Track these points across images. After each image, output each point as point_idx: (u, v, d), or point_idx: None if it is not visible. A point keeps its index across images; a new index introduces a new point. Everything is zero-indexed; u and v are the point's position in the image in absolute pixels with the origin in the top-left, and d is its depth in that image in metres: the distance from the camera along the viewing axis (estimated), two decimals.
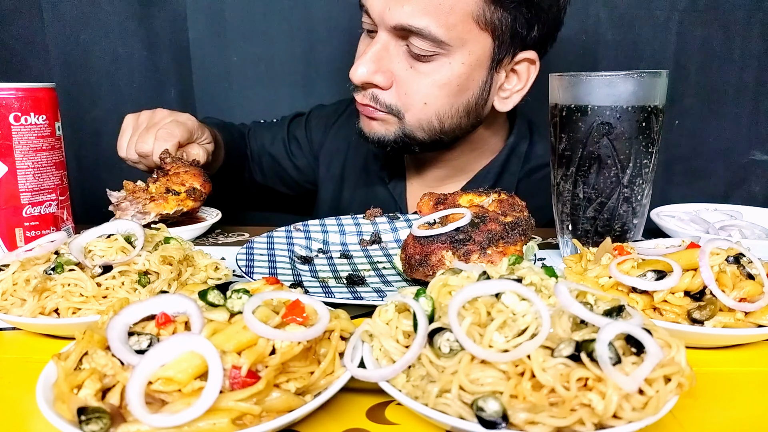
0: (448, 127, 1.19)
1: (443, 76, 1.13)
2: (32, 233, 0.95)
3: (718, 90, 1.77)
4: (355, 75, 1.14)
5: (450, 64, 1.12)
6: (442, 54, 1.10)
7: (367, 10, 1.14)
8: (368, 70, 1.13)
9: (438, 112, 1.16)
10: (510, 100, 1.23)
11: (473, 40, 1.11)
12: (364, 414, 0.55)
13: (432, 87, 1.14)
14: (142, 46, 1.79)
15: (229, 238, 1.19)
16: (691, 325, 0.65)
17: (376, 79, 1.14)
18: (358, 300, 0.78)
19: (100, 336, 0.53)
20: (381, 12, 1.10)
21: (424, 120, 1.17)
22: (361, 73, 1.13)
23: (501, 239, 0.81)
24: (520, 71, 1.20)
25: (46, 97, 0.95)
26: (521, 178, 1.34)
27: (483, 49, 1.13)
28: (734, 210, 1.16)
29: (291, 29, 1.80)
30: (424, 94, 1.14)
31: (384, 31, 1.12)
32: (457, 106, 1.17)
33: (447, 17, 1.07)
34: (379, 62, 1.13)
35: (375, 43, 1.13)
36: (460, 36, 1.09)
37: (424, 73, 1.13)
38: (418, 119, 1.17)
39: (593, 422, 0.45)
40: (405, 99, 1.15)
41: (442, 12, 1.06)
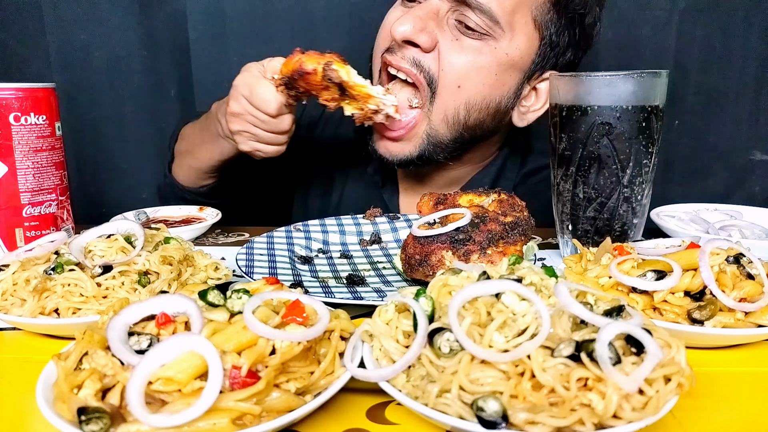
0: (473, 121, 1.15)
1: (485, 59, 1.09)
2: (32, 233, 0.95)
3: (718, 90, 1.77)
4: (398, 29, 1.06)
5: (495, 49, 1.09)
6: (492, 36, 1.07)
7: None
8: (413, 26, 1.06)
9: (468, 100, 1.12)
10: (527, 117, 1.21)
11: (524, 35, 1.09)
12: (364, 414, 0.55)
13: (471, 66, 1.09)
14: (142, 46, 1.80)
15: (229, 238, 1.19)
16: (691, 325, 0.65)
17: (420, 39, 1.07)
18: (358, 300, 0.78)
19: (100, 336, 0.53)
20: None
21: (452, 108, 1.12)
22: (405, 29, 1.05)
23: (501, 239, 0.81)
24: (541, 90, 1.19)
25: (46, 97, 0.95)
26: (517, 183, 1.33)
27: (528, 49, 1.11)
28: (734, 210, 1.16)
29: (291, 29, 1.80)
30: (460, 74, 1.09)
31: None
32: (488, 101, 1.14)
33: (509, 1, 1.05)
34: (425, 22, 1.07)
35: (424, 6, 1.07)
36: (513, 24, 1.07)
37: (468, 50, 1.08)
38: (445, 106, 1.12)
39: (593, 422, 0.45)
40: (443, 72, 1.09)
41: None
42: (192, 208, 1.29)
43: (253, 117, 1.06)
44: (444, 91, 1.11)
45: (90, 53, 1.79)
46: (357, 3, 1.76)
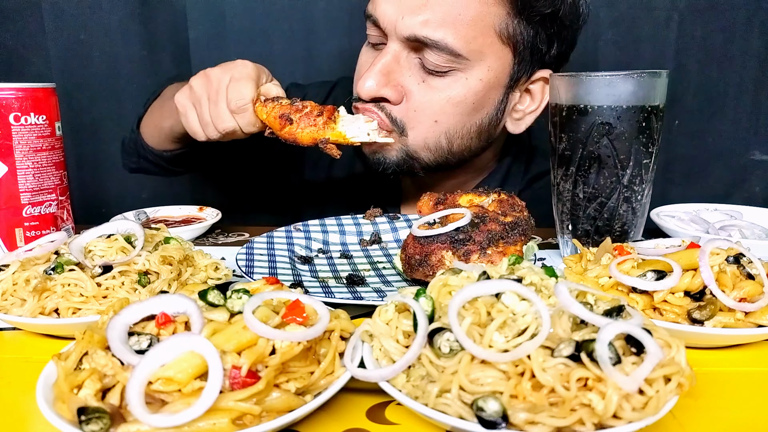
0: (456, 147, 1.12)
1: (458, 93, 1.05)
2: (32, 233, 0.95)
3: (718, 90, 1.77)
4: (363, 88, 1.04)
5: (466, 80, 1.05)
6: (458, 69, 1.03)
7: (375, 20, 1.05)
8: (377, 83, 1.04)
9: (448, 131, 1.10)
10: (523, 121, 1.17)
11: (494, 55, 1.04)
12: (364, 414, 0.55)
13: (445, 104, 1.06)
14: (142, 46, 1.80)
15: (229, 238, 1.19)
16: (691, 325, 0.65)
17: (385, 93, 1.05)
18: (358, 300, 0.78)
19: (100, 336, 0.53)
20: (393, 21, 1.02)
21: (432, 138, 1.10)
22: (369, 87, 1.04)
23: (501, 239, 0.81)
24: (534, 91, 1.15)
25: (46, 97, 0.95)
26: (523, 189, 1.31)
27: (503, 66, 1.07)
28: (734, 210, 1.16)
29: (291, 30, 1.80)
30: (435, 111, 1.06)
31: (395, 41, 1.04)
32: (469, 126, 1.11)
33: (467, 29, 0.99)
34: (389, 75, 1.05)
35: (384, 54, 1.05)
36: (480, 50, 1.02)
37: (438, 89, 1.05)
38: (424, 137, 1.09)
39: (593, 422, 0.45)
40: (414, 115, 1.07)
41: (462, 23, 0.99)
42: (192, 208, 1.29)
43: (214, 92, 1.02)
44: (416, 129, 1.09)
45: (90, 53, 1.79)
46: (357, 3, 1.76)
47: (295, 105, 1.01)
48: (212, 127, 1.04)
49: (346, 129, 0.99)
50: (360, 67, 1.16)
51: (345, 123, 1.00)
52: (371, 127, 1.00)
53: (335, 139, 1.00)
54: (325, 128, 0.99)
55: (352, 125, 1.00)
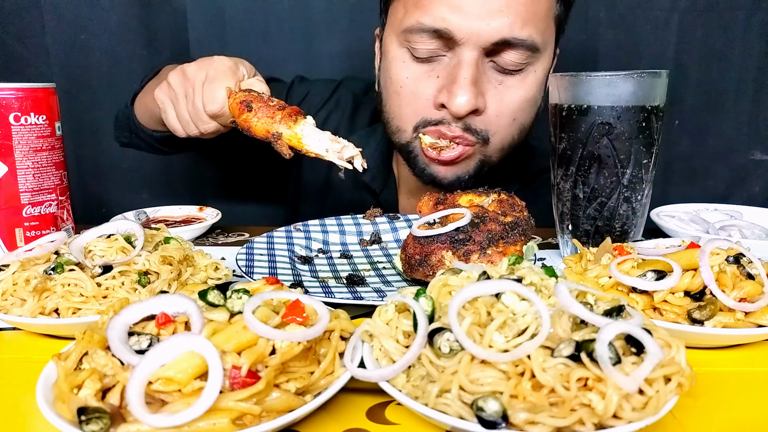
0: (521, 141, 1.15)
1: (530, 86, 1.08)
2: (32, 233, 0.95)
3: (718, 90, 1.77)
4: (461, 105, 1.01)
5: (535, 73, 1.08)
6: (530, 63, 1.06)
7: (446, 32, 1.01)
8: (473, 96, 1.01)
9: (522, 126, 1.11)
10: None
11: (552, 42, 1.09)
12: (364, 414, 0.55)
13: (521, 101, 1.08)
14: (142, 46, 1.80)
15: (229, 238, 1.19)
16: (691, 325, 0.65)
17: (479, 104, 1.04)
18: (358, 300, 0.78)
19: (100, 336, 0.53)
20: (476, 29, 1.00)
21: (508, 138, 1.11)
22: (467, 101, 1.01)
23: (501, 239, 0.81)
24: None
25: (46, 97, 0.95)
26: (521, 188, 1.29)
27: (552, 52, 1.12)
28: (734, 210, 1.16)
29: (291, 29, 1.80)
30: (513, 110, 1.08)
31: (473, 49, 1.01)
32: (533, 117, 1.14)
33: (543, 23, 1.04)
34: (477, 85, 1.03)
35: (465, 66, 1.02)
36: (548, 40, 1.06)
37: (513, 87, 1.07)
38: (502, 139, 1.10)
39: (593, 422, 0.45)
40: (495, 120, 1.07)
41: (540, 18, 1.03)
42: (192, 208, 1.29)
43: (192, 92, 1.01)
44: (500, 130, 1.09)
45: (90, 53, 1.79)
46: (357, 3, 1.76)
47: (262, 97, 0.97)
48: (192, 126, 1.03)
49: (304, 134, 0.93)
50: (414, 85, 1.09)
51: (306, 129, 0.94)
52: (334, 147, 0.93)
53: (289, 138, 0.93)
54: (281, 123, 0.93)
55: (314, 134, 0.94)
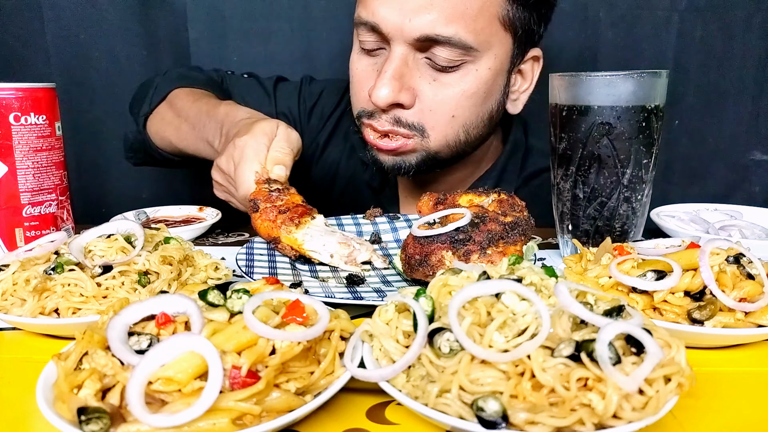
0: (473, 138, 1.14)
1: (470, 84, 1.07)
2: (32, 233, 0.95)
3: (718, 90, 1.78)
4: (380, 98, 1.03)
5: (477, 71, 1.07)
6: (468, 61, 1.05)
7: (375, 25, 1.04)
8: (392, 90, 1.03)
9: (465, 124, 1.11)
10: (519, 101, 1.20)
11: (498, 42, 1.07)
12: (364, 414, 0.55)
13: (460, 98, 1.07)
14: (142, 46, 1.80)
15: (229, 238, 1.19)
16: (691, 325, 0.65)
17: (401, 98, 1.05)
18: (358, 300, 0.78)
19: (100, 336, 0.53)
20: (400, 24, 1.01)
21: (451, 135, 1.11)
22: (385, 95, 1.03)
23: (501, 239, 0.81)
24: (525, 70, 1.18)
25: (46, 97, 0.95)
26: (519, 186, 1.32)
27: (506, 52, 1.09)
28: (734, 210, 1.16)
29: (291, 29, 1.80)
30: (451, 107, 1.08)
31: (401, 45, 1.03)
32: (482, 115, 1.13)
33: (474, 21, 1.01)
34: (401, 79, 1.04)
35: (392, 60, 1.04)
36: (487, 39, 1.04)
37: (450, 84, 1.06)
38: (444, 135, 1.11)
39: (593, 422, 0.45)
40: (430, 115, 1.08)
41: (470, 16, 1.01)
42: (192, 208, 1.29)
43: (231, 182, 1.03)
44: (438, 126, 1.10)
45: (90, 53, 1.79)
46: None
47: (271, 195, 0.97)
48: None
49: (306, 239, 0.93)
50: (359, 78, 1.14)
51: (311, 232, 0.93)
52: (341, 251, 0.92)
53: (288, 243, 0.94)
54: (281, 228, 0.93)
55: (318, 239, 0.93)
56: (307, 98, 1.45)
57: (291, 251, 0.94)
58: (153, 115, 1.37)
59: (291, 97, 1.45)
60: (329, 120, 1.45)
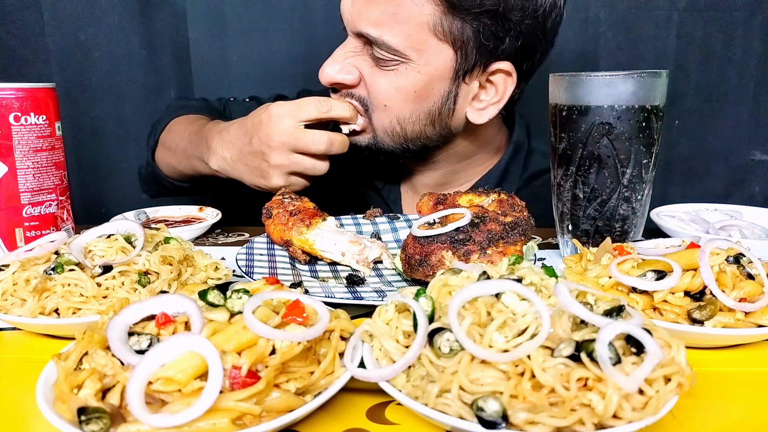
0: (410, 134, 1.17)
1: (401, 81, 1.12)
2: (32, 233, 0.95)
3: (718, 90, 1.77)
4: (323, 75, 1.15)
5: (407, 71, 1.11)
6: (402, 62, 1.10)
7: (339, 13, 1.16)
8: (333, 70, 1.14)
9: (398, 116, 1.15)
10: (486, 111, 1.17)
11: (431, 50, 1.08)
12: (364, 414, 0.55)
13: (390, 88, 1.12)
14: (142, 46, 1.80)
15: (229, 238, 1.19)
16: (691, 325, 0.65)
17: (342, 77, 1.14)
18: (358, 300, 0.78)
19: (100, 336, 0.53)
20: (348, 18, 1.12)
21: (387, 123, 1.16)
22: (328, 73, 1.14)
23: (501, 239, 0.81)
24: (497, 82, 1.15)
25: (46, 97, 0.95)
26: (521, 186, 1.33)
27: (443, 60, 1.09)
28: (734, 210, 1.16)
29: (291, 29, 1.80)
30: (384, 95, 1.14)
31: (352, 35, 1.14)
32: (417, 114, 1.15)
33: (402, 27, 1.06)
34: (344, 61, 1.15)
35: (343, 46, 1.16)
36: (416, 46, 1.08)
37: (382, 76, 1.12)
38: (382, 122, 1.16)
39: (593, 422, 0.45)
40: (369, 99, 1.16)
41: (397, 22, 1.05)
42: (192, 208, 1.29)
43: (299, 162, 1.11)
44: (375, 110, 1.16)
45: (90, 53, 1.79)
46: None
47: (283, 201, 1.01)
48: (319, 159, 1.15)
49: (317, 239, 0.95)
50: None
51: (321, 233, 0.96)
52: (353, 249, 0.94)
53: (300, 245, 0.96)
54: (292, 230, 0.96)
55: (329, 238, 0.95)
56: None
57: (302, 255, 0.96)
58: (158, 146, 1.43)
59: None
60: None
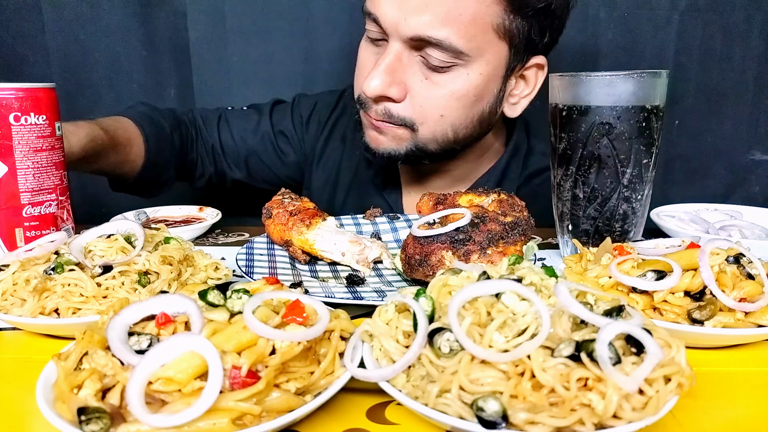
0: (462, 137, 1.17)
1: (460, 87, 1.09)
2: (32, 233, 0.94)
3: (718, 90, 1.77)
4: (369, 88, 1.07)
5: (467, 75, 1.08)
6: (460, 65, 1.07)
7: (376, 18, 1.08)
8: (382, 83, 1.07)
9: (454, 124, 1.13)
10: (519, 105, 1.22)
11: (491, 49, 1.08)
12: (364, 414, 0.55)
13: (449, 99, 1.10)
14: (142, 46, 1.79)
15: (229, 238, 1.19)
16: (691, 325, 0.65)
17: (390, 92, 1.08)
18: (358, 300, 0.78)
19: (100, 336, 0.53)
20: (395, 22, 1.04)
21: (439, 132, 1.14)
22: (375, 86, 1.07)
23: (501, 239, 0.81)
24: (529, 76, 1.19)
25: (46, 97, 0.95)
26: (521, 185, 1.33)
27: (500, 59, 1.11)
28: (734, 210, 1.16)
29: (291, 29, 1.80)
30: (440, 106, 1.10)
31: (397, 41, 1.07)
32: (471, 117, 1.15)
33: (467, 27, 1.03)
34: (393, 74, 1.08)
35: (387, 54, 1.08)
36: (479, 46, 1.06)
37: (440, 84, 1.09)
38: (432, 131, 1.14)
39: (593, 422, 0.45)
40: (420, 111, 1.11)
41: (463, 22, 1.02)
42: (192, 208, 1.29)
43: None
44: (425, 124, 1.13)
45: (90, 53, 1.78)
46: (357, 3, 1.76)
47: (283, 201, 0.99)
48: None
49: (317, 239, 0.94)
50: (361, 64, 1.18)
51: (321, 232, 0.95)
52: (353, 249, 0.93)
53: (299, 245, 0.95)
54: (292, 230, 0.95)
55: (329, 238, 0.94)
56: (302, 112, 1.51)
57: (302, 255, 0.96)
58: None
59: (285, 116, 1.52)
60: (326, 124, 1.50)
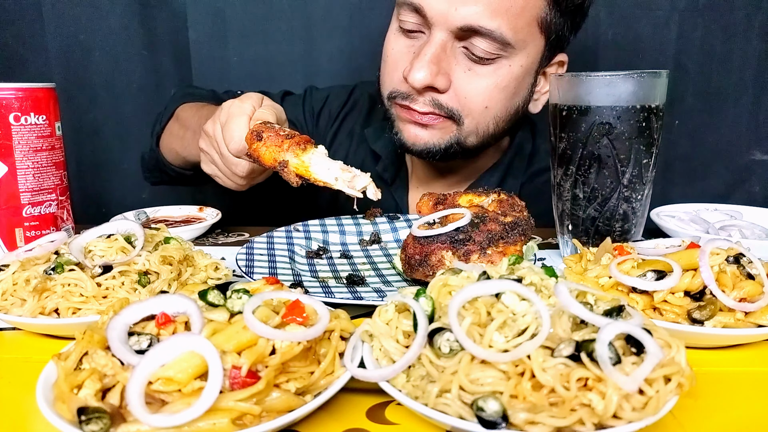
0: (499, 130, 1.18)
1: (503, 78, 1.10)
2: (32, 233, 0.95)
3: (718, 90, 1.77)
4: (416, 79, 1.06)
5: (509, 67, 1.10)
6: (504, 56, 1.08)
7: (419, 8, 1.06)
8: (430, 72, 1.05)
9: (496, 116, 1.14)
10: (539, 102, 1.24)
11: (533, 43, 1.10)
12: (364, 414, 0.55)
13: (492, 90, 1.10)
14: (142, 46, 1.79)
15: (229, 238, 1.19)
16: (691, 325, 0.65)
17: (438, 83, 1.07)
18: (358, 300, 0.78)
19: (100, 336, 0.53)
20: (445, 11, 1.03)
21: (482, 124, 1.14)
22: (423, 77, 1.05)
23: (501, 239, 0.81)
24: (549, 73, 1.21)
25: (46, 97, 0.95)
26: (525, 182, 1.34)
27: (537, 53, 1.13)
28: (734, 210, 1.16)
29: (291, 29, 1.80)
30: (484, 98, 1.11)
31: (442, 31, 1.05)
32: (510, 110, 1.16)
33: (516, 19, 1.04)
34: (439, 64, 1.06)
35: (431, 44, 1.06)
36: (524, 38, 1.08)
37: (484, 75, 1.09)
38: (476, 124, 1.14)
39: (593, 422, 0.45)
40: (465, 102, 1.11)
41: (513, 13, 1.04)
42: (192, 208, 1.29)
43: (216, 144, 1.01)
44: (472, 114, 1.13)
45: (90, 53, 1.79)
46: (357, 3, 1.76)
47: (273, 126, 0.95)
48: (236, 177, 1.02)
49: (312, 162, 0.92)
50: (395, 57, 1.15)
51: (315, 157, 0.92)
52: (344, 176, 0.91)
53: (296, 166, 0.92)
54: (288, 151, 0.92)
55: (323, 163, 0.92)
56: (314, 104, 1.50)
57: (296, 179, 0.92)
58: (164, 132, 1.42)
59: (297, 107, 1.50)
60: (337, 118, 1.50)
